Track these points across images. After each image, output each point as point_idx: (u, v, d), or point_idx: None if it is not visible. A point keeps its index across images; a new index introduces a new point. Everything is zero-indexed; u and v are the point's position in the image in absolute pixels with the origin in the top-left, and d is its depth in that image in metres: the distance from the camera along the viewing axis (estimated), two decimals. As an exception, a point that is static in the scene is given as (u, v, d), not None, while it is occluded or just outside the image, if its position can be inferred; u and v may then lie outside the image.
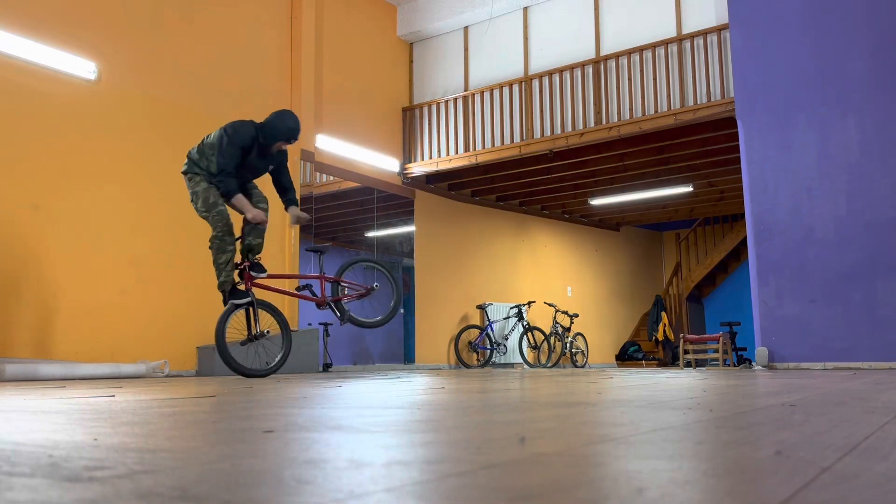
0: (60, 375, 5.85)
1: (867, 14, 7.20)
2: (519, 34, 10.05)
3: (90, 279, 6.63)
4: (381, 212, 10.25)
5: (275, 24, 8.80)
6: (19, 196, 6.24)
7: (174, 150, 7.49)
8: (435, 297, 10.75)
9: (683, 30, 8.68)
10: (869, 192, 7.02)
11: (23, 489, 0.80)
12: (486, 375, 5.89)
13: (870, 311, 6.91)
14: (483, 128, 9.88)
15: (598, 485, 0.84)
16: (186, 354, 7.31)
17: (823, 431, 1.39)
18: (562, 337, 12.23)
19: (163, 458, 1.05)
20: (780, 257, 7.37)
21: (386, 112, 10.39)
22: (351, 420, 1.70)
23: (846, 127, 7.17)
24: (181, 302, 7.32)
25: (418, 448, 1.17)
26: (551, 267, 13.30)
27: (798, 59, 7.48)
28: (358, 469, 0.94)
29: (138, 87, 7.23)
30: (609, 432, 1.41)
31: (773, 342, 7.31)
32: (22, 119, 6.31)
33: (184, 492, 0.78)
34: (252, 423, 1.62)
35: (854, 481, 0.86)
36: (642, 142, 9.16)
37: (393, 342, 10.29)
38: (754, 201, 7.56)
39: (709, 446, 1.20)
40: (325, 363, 8.53)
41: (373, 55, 10.25)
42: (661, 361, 13.97)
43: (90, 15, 6.91)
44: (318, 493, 0.78)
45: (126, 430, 1.46)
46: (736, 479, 0.87)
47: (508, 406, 2.16)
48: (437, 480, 0.86)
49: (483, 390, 3.19)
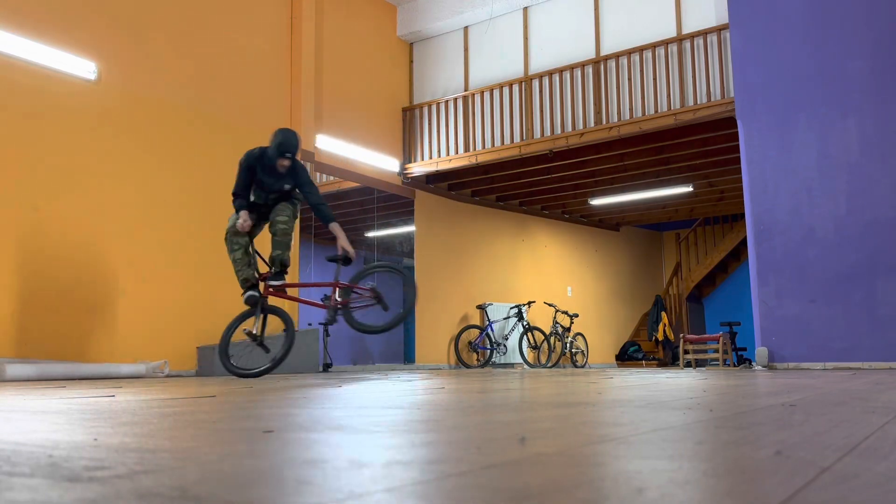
0: (60, 375, 5.85)
1: (867, 14, 7.20)
2: (519, 34, 10.05)
3: (90, 279, 6.63)
4: (381, 212, 10.26)
5: (275, 24, 8.80)
6: (19, 196, 6.24)
7: (174, 149, 7.49)
8: (435, 297, 10.75)
9: (683, 30, 8.68)
10: (869, 192, 7.02)
11: (23, 489, 0.80)
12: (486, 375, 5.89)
13: (870, 311, 6.90)
14: (483, 128, 9.88)
15: (598, 485, 0.84)
16: (186, 354, 7.31)
17: (823, 431, 1.39)
18: (562, 337, 12.23)
19: (163, 458, 1.05)
20: (780, 257, 7.37)
21: (386, 112, 10.39)
22: (351, 420, 1.70)
23: (846, 127, 7.17)
24: (181, 302, 7.32)
25: (418, 448, 1.17)
26: (551, 267, 13.30)
27: (798, 59, 7.48)
28: (358, 469, 0.94)
29: (138, 87, 7.23)
30: (609, 432, 1.41)
31: (773, 342, 7.31)
32: (22, 119, 6.31)
33: (184, 492, 0.78)
34: (252, 423, 1.63)
35: (854, 481, 0.86)
36: (642, 142, 9.16)
37: (393, 342, 10.30)
38: (754, 201, 7.56)
39: (709, 446, 1.20)
40: (325, 363, 8.54)
41: (373, 55, 10.25)
42: (661, 361, 13.97)
43: (90, 15, 6.91)
44: (318, 493, 0.78)
45: (126, 430, 1.46)
46: (736, 479, 0.87)
47: (508, 406, 2.16)
48: (437, 480, 0.86)
49: (483, 390, 3.19)
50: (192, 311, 7.41)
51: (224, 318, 7.69)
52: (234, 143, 8.11)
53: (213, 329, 7.56)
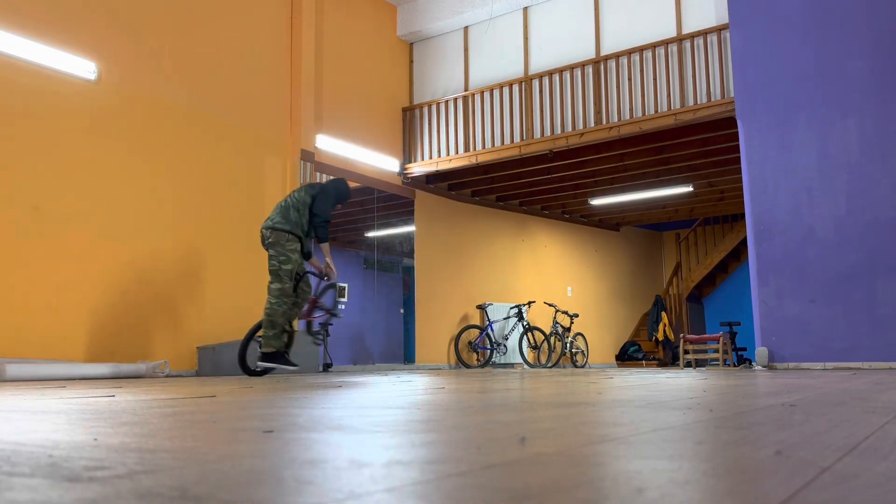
0: (60, 375, 5.85)
1: (867, 14, 7.20)
2: (519, 34, 10.05)
3: (90, 279, 6.63)
4: (381, 212, 10.25)
5: (275, 24, 8.79)
6: (19, 196, 6.24)
7: (174, 150, 7.49)
8: (435, 297, 10.75)
9: (683, 30, 8.68)
10: (869, 192, 7.01)
11: (23, 489, 0.80)
12: (486, 375, 5.89)
13: (870, 311, 6.90)
14: (483, 128, 9.88)
15: (598, 485, 0.84)
16: (186, 354, 7.31)
17: (823, 431, 1.39)
18: (562, 337, 12.23)
19: (163, 458, 1.05)
20: (780, 257, 7.37)
21: (386, 112, 10.39)
22: (351, 420, 1.70)
23: (846, 127, 7.17)
24: (181, 302, 7.32)
25: (418, 448, 1.17)
26: (551, 267, 13.29)
27: (798, 58, 7.48)
28: (358, 469, 0.94)
29: (138, 87, 7.23)
30: (609, 432, 1.41)
31: (773, 342, 7.31)
32: (22, 119, 6.31)
33: (184, 492, 0.78)
34: (252, 423, 1.63)
35: (854, 481, 0.86)
36: (642, 142, 9.16)
37: (393, 342, 10.30)
38: (754, 201, 7.56)
39: (709, 446, 1.20)
40: (325, 363, 8.54)
41: (373, 55, 10.25)
42: (661, 361, 13.97)
43: (90, 15, 6.91)
44: (318, 493, 0.78)
45: (126, 430, 1.46)
46: (736, 479, 0.87)
47: (508, 406, 2.16)
48: (437, 480, 0.86)
49: (483, 390, 3.19)
50: (192, 311, 7.42)
51: (224, 318, 7.71)
52: (234, 142, 8.11)
53: (213, 329, 7.56)
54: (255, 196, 8.25)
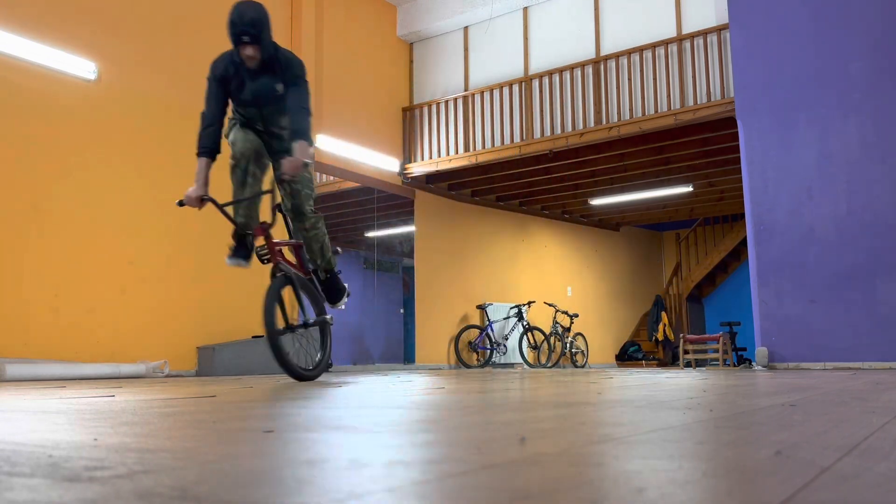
0: (60, 375, 5.85)
1: (867, 14, 7.20)
2: (519, 34, 10.05)
3: (90, 279, 6.63)
4: (381, 212, 10.25)
5: (274, 24, 8.76)
6: (19, 196, 6.24)
7: (174, 149, 7.49)
8: (435, 297, 10.74)
9: (683, 30, 8.68)
10: (869, 192, 7.01)
11: (23, 489, 0.79)
12: (486, 375, 5.89)
13: (870, 311, 6.90)
14: (483, 128, 9.88)
15: (598, 485, 0.84)
16: (186, 354, 7.31)
17: (823, 431, 1.39)
18: (562, 337, 12.23)
19: (163, 458, 1.05)
20: (780, 257, 7.37)
21: (386, 112, 10.39)
22: (351, 420, 1.70)
23: (846, 127, 7.17)
24: (181, 302, 7.32)
25: (419, 448, 1.17)
26: (551, 267, 13.29)
27: (798, 59, 7.48)
28: (358, 469, 0.93)
29: (138, 87, 7.23)
30: (609, 432, 1.41)
31: (773, 342, 7.31)
32: (22, 119, 6.31)
33: (184, 492, 0.78)
34: (252, 423, 1.62)
35: (854, 481, 0.86)
36: (642, 142, 9.16)
37: (393, 342, 10.30)
38: (754, 201, 7.56)
39: (709, 446, 1.20)
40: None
41: (373, 55, 10.24)
42: (661, 361, 13.97)
43: (90, 15, 6.91)
44: (318, 493, 0.78)
45: (126, 430, 1.46)
46: (736, 480, 0.87)
47: (508, 406, 2.16)
48: (437, 480, 0.86)
49: (483, 390, 3.19)
50: (192, 311, 7.41)
51: (224, 318, 7.70)
52: (234, 143, 8.11)
53: (213, 329, 7.56)
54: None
